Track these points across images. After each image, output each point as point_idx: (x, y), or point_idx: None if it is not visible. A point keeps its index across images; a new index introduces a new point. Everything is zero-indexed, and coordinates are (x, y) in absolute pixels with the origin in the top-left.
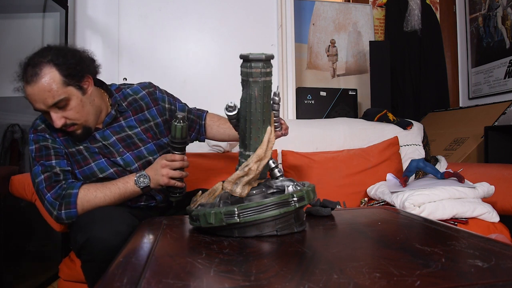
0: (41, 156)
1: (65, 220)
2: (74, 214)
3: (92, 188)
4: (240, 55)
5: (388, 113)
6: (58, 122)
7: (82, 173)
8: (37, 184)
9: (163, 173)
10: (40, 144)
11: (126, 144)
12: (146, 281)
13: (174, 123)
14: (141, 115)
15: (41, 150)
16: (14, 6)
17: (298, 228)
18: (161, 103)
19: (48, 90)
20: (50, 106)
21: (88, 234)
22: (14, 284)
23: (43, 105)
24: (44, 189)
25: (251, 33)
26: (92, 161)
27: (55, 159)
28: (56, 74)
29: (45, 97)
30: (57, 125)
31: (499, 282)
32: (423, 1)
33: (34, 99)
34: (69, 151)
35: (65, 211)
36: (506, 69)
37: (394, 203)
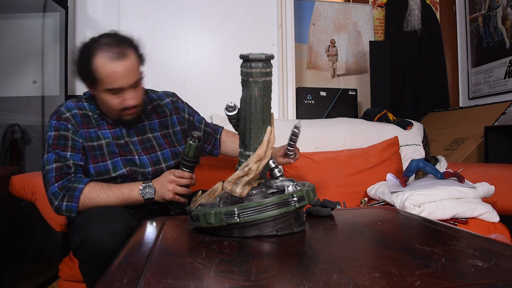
0: (58, 145)
1: (64, 212)
2: (74, 209)
3: (97, 187)
4: (240, 55)
5: (388, 113)
6: (135, 101)
7: (96, 168)
8: (46, 171)
9: (169, 188)
10: (60, 132)
11: (145, 147)
12: (146, 281)
13: (189, 141)
14: (164, 120)
15: (60, 138)
16: (14, 6)
17: (298, 228)
18: (181, 113)
19: (132, 68)
20: (130, 84)
21: (84, 234)
22: (14, 284)
23: (125, 83)
24: (52, 178)
25: (251, 33)
26: (109, 158)
27: (71, 151)
28: (135, 56)
29: (130, 75)
30: (133, 103)
31: (499, 282)
32: (423, 1)
33: (119, 75)
34: (89, 145)
35: (66, 203)
36: (506, 69)
37: (394, 203)
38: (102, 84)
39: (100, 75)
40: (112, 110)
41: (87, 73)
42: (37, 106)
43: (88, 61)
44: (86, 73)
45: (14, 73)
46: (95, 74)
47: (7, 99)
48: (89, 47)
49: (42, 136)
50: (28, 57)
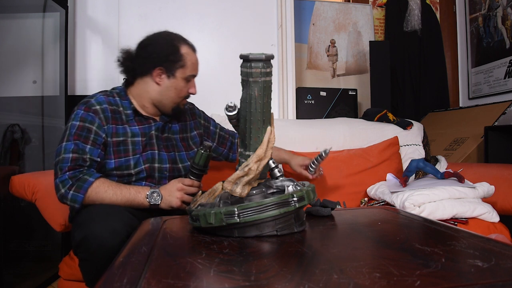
0: (80, 136)
1: (69, 201)
2: (80, 199)
3: (106, 184)
4: (240, 55)
5: (388, 113)
6: (196, 89)
7: (117, 163)
8: (61, 159)
9: (177, 195)
10: (85, 124)
11: (166, 145)
12: (146, 281)
13: (200, 150)
14: (182, 125)
15: (83, 130)
16: (14, 6)
17: (298, 228)
18: (198, 118)
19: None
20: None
21: (85, 232)
22: (14, 284)
23: (196, 71)
24: (66, 167)
25: (251, 33)
26: (132, 154)
27: (91, 145)
28: None
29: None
30: (195, 91)
31: (499, 282)
32: (423, 1)
33: (197, 65)
34: (114, 140)
35: (73, 192)
36: (506, 69)
37: (394, 203)
38: (185, 71)
39: (186, 62)
40: (178, 97)
41: (173, 59)
42: (37, 106)
43: (177, 49)
44: (173, 59)
45: (14, 73)
46: (182, 60)
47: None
48: (172, 37)
49: (42, 136)
50: (28, 57)
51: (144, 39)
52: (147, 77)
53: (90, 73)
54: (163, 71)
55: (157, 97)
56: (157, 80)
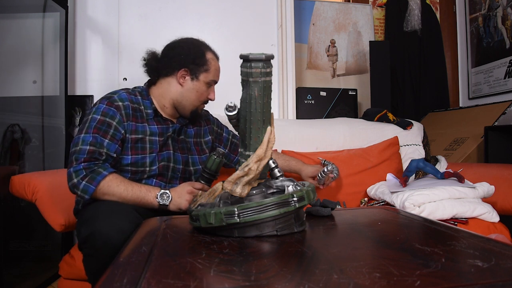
0: (99, 129)
1: (80, 191)
2: (91, 191)
3: (119, 179)
4: (240, 55)
5: (388, 113)
6: (215, 95)
7: (133, 159)
8: (78, 150)
9: (187, 198)
10: (106, 119)
11: (181, 146)
12: (146, 281)
13: (213, 156)
14: (197, 129)
15: (103, 124)
16: (14, 6)
17: (298, 228)
18: (211, 125)
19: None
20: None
21: (91, 228)
22: (14, 284)
23: (218, 78)
24: (81, 158)
25: (251, 33)
26: (148, 152)
27: (109, 140)
28: None
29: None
30: (214, 97)
31: (499, 282)
32: (423, 1)
33: (219, 72)
34: (133, 137)
35: (85, 183)
36: (506, 69)
37: (394, 203)
38: (208, 76)
39: (210, 67)
40: (198, 101)
41: (199, 63)
42: (37, 106)
43: (203, 54)
44: (199, 63)
45: (14, 73)
46: (207, 65)
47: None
48: (200, 43)
49: (42, 136)
50: (28, 57)
51: (171, 42)
52: (171, 77)
53: (90, 73)
54: (188, 72)
55: (178, 98)
56: (181, 81)
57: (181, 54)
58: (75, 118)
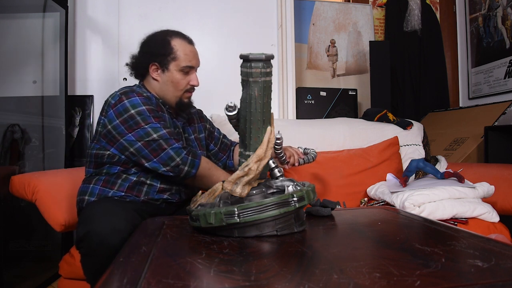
0: (157, 117)
1: (187, 166)
2: (197, 164)
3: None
4: (240, 55)
5: (388, 113)
6: (197, 81)
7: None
8: (159, 136)
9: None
10: (151, 107)
11: (187, 144)
12: (146, 281)
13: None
14: (194, 126)
15: (153, 112)
16: (14, 6)
17: (298, 228)
18: (204, 122)
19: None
20: (197, 66)
21: (87, 227)
22: (14, 284)
23: (196, 63)
24: (170, 139)
25: (251, 33)
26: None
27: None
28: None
29: (198, 58)
30: (197, 83)
31: (499, 282)
32: (423, 1)
33: (193, 55)
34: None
35: (191, 158)
36: (506, 69)
37: (394, 203)
38: (179, 62)
39: (178, 54)
40: (178, 90)
41: (164, 53)
42: (37, 106)
43: (168, 42)
44: (164, 53)
45: (14, 73)
46: (173, 53)
47: (7, 99)
48: (165, 33)
49: (42, 136)
50: (28, 57)
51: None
52: (148, 76)
53: (90, 73)
54: (157, 66)
55: (159, 93)
56: (155, 76)
57: (147, 50)
58: (75, 118)
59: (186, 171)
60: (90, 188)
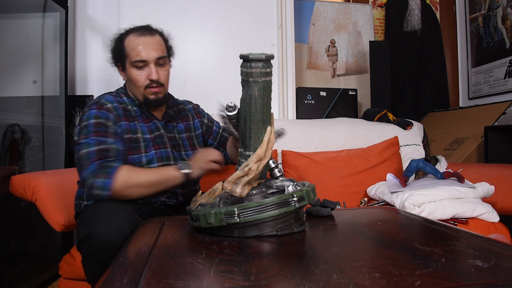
0: (98, 132)
1: (95, 189)
2: (108, 185)
3: (135, 168)
4: (240, 55)
5: (388, 113)
6: (155, 75)
7: (131, 159)
8: (85, 153)
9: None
10: (101, 121)
11: (173, 144)
12: (146, 281)
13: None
14: (188, 124)
15: (100, 126)
16: (14, 6)
17: (298, 228)
18: (202, 118)
19: (160, 44)
20: (156, 58)
21: (89, 228)
22: (14, 284)
23: (151, 55)
24: (93, 157)
25: (251, 33)
26: (144, 151)
27: (112, 137)
28: (161, 39)
29: (157, 48)
30: (153, 77)
31: (499, 282)
32: (423, 1)
33: (146, 47)
34: (128, 136)
35: (104, 179)
36: (506, 69)
37: (394, 203)
38: (129, 59)
39: (128, 50)
40: (138, 87)
41: (118, 53)
42: (37, 106)
43: (121, 42)
44: (118, 53)
45: (14, 73)
46: (126, 50)
47: (7, 99)
48: (120, 34)
49: (42, 136)
50: (28, 57)
51: None
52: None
53: (90, 73)
54: (120, 66)
55: (131, 93)
56: (123, 77)
57: (110, 53)
58: (75, 118)
59: (97, 193)
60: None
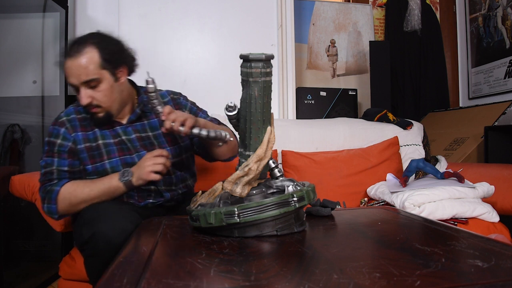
0: (48, 151)
1: (47, 214)
2: (53, 210)
3: (80, 184)
4: (240, 55)
5: (388, 113)
6: (85, 100)
7: (94, 168)
8: (39, 176)
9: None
10: (51, 139)
11: (144, 144)
12: (146, 281)
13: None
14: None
15: (50, 145)
16: (14, 6)
17: (298, 228)
18: (183, 109)
19: (84, 67)
20: (82, 82)
21: (93, 229)
22: (14, 284)
23: (76, 80)
24: (41, 181)
25: (251, 33)
26: (107, 158)
27: (57, 157)
28: (96, 55)
29: (80, 73)
30: (83, 102)
31: (499, 282)
32: (423, 1)
33: (70, 72)
34: (86, 145)
35: (47, 205)
36: (506, 69)
37: (394, 203)
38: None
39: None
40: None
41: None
42: (37, 106)
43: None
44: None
45: (14, 73)
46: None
47: (7, 99)
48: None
49: (42, 136)
50: (28, 57)
51: None
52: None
53: None
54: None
55: None
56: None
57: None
58: None
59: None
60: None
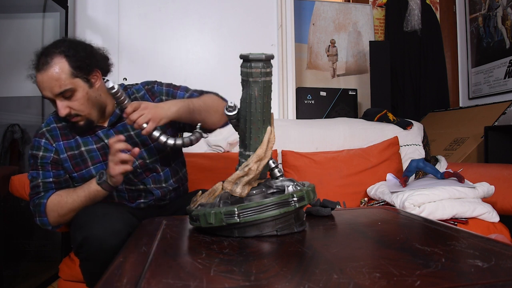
0: (32, 165)
1: (41, 226)
2: (46, 222)
3: (64, 194)
4: (240, 55)
5: (388, 113)
6: (63, 111)
7: (80, 175)
8: (30, 186)
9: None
10: (33, 152)
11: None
12: (146, 281)
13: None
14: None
15: (33, 158)
16: (14, 6)
17: (298, 228)
18: (158, 97)
19: (56, 79)
20: (57, 94)
21: (86, 232)
22: (14, 284)
23: (50, 93)
24: (30, 195)
25: (251, 33)
26: (91, 164)
27: (41, 170)
28: (66, 65)
29: (53, 85)
30: (61, 114)
31: (499, 282)
32: (423, 1)
33: (42, 86)
34: (69, 154)
35: (38, 218)
36: (506, 69)
37: (394, 203)
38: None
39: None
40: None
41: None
42: (37, 106)
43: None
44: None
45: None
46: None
47: (7, 99)
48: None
49: None
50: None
51: None
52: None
53: None
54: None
55: None
56: None
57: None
58: None
59: (45, 228)
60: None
